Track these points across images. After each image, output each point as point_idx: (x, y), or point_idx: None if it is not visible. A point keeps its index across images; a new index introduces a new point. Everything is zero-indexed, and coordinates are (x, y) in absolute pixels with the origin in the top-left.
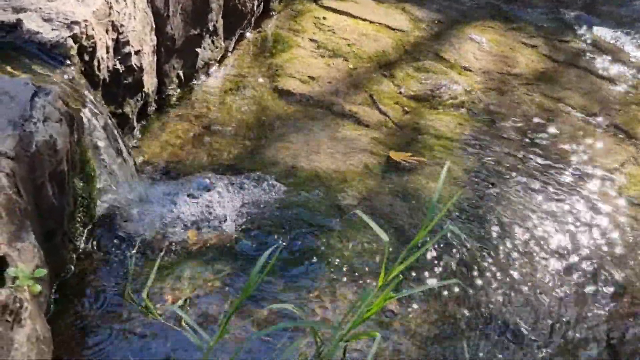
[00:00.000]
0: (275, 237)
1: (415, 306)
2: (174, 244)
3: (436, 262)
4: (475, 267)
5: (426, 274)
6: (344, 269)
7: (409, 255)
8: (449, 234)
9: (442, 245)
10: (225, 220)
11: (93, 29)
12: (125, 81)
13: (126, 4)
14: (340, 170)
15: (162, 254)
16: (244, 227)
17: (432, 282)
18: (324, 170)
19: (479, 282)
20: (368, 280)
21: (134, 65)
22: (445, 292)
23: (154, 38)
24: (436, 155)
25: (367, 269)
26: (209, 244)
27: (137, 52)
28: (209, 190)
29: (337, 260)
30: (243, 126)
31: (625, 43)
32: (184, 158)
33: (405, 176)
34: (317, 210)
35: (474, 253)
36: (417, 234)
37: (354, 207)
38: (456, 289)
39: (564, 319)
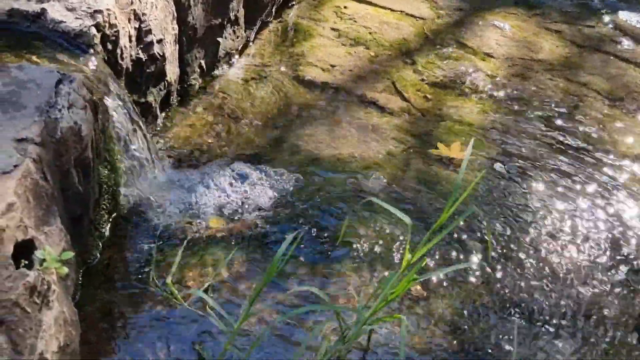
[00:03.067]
0: (299, 222)
1: (441, 290)
2: (198, 231)
3: (461, 244)
4: (502, 251)
5: (453, 255)
6: (368, 253)
7: (432, 237)
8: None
9: (467, 228)
10: (249, 207)
11: (116, 18)
12: (148, 70)
13: None
14: (363, 157)
15: (185, 241)
16: (267, 213)
17: (456, 266)
18: (347, 157)
19: (505, 265)
20: (392, 264)
21: (157, 54)
22: (471, 276)
23: (176, 27)
24: (460, 142)
25: (391, 253)
26: (232, 231)
27: (159, 41)
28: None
29: (361, 244)
30: (265, 115)
31: None
32: (206, 146)
33: (428, 162)
34: (341, 197)
35: (500, 236)
36: (441, 216)
37: (377, 193)
38: (482, 272)
39: (592, 305)
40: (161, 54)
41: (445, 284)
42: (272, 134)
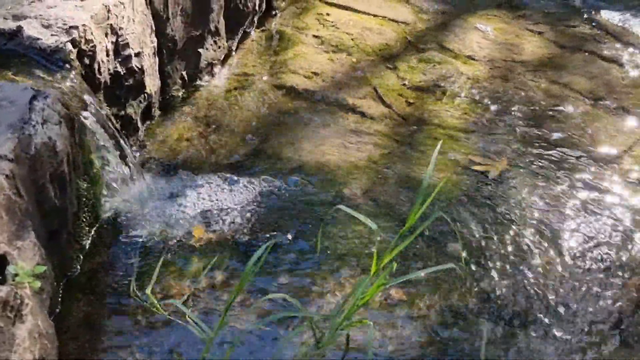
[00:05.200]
0: (280, 230)
1: (420, 292)
2: (179, 241)
3: (439, 247)
4: (477, 252)
5: (432, 258)
6: (346, 258)
7: (400, 242)
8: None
9: (443, 231)
10: (231, 216)
11: (92, 33)
12: (126, 83)
13: (124, 7)
14: (345, 163)
15: (166, 251)
16: (249, 222)
17: (428, 269)
18: (328, 163)
19: (481, 267)
20: (369, 268)
21: (135, 67)
22: (447, 278)
23: (155, 40)
24: (441, 145)
25: (369, 257)
26: (213, 240)
27: (137, 54)
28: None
29: (340, 249)
30: (248, 124)
31: (634, 25)
32: (188, 157)
33: (410, 166)
34: (322, 203)
35: (475, 238)
36: (408, 220)
37: (358, 198)
38: (461, 274)
39: (572, 304)
40: (140, 67)
41: (425, 286)
42: (254, 143)
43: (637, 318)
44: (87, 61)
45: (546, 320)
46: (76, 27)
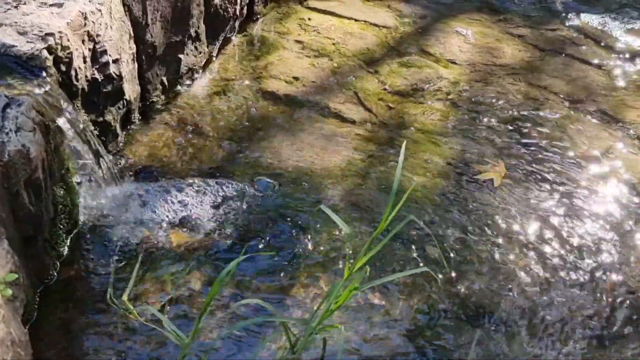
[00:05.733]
0: (259, 235)
1: (398, 294)
2: (157, 245)
3: (414, 250)
4: (455, 255)
5: (405, 262)
6: (325, 262)
7: (372, 247)
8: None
9: (421, 234)
10: (209, 222)
11: (68, 40)
12: (104, 90)
13: (102, 14)
14: (324, 168)
15: (144, 257)
16: (228, 227)
17: (400, 273)
18: (308, 168)
19: (459, 269)
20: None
21: (113, 74)
22: (426, 280)
23: (133, 46)
24: (420, 148)
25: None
26: (191, 246)
27: (115, 61)
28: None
29: (319, 253)
30: (228, 129)
31: (613, 28)
32: (168, 162)
33: (390, 170)
34: (301, 208)
35: (453, 241)
36: (379, 225)
37: (338, 202)
38: (438, 277)
39: (543, 307)
40: (118, 73)
41: (404, 289)
42: (235, 148)
43: (612, 320)
44: (63, 68)
45: (521, 321)
46: (52, 34)
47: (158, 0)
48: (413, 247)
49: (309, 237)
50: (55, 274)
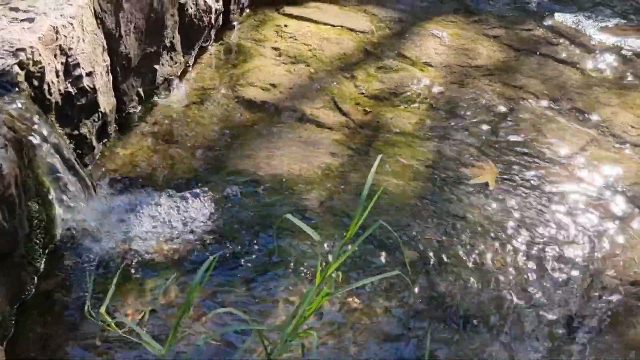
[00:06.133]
0: (237, 243)
1: (374, 298)
2: (136, 257)
3: (389, 254)
4: (432, 257)
5: (382, 266)
6: (301, 268)
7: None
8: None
9: (398, 238)
10: (188, 231)
11: (40, 55)
12: (79, 103)
13: (73, 27)
14: (302, 174)
15: (123, 268)
16: (206, 236)
17: (372, 278)
18: (286, 174)
19: (435, 271)
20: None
21: (87, 87)
22: (402, 283)
23: (107, 58)
24: (397, 152)
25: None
26: (170, 256)
27: (88, 74)
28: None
29: (295, 259)
30: (206, 138)
31: (587, 27)
32: (146, 173)
33: (366, 174)
34: (279, 215)
35: (430, 242)
36: (349, 230)
37: (315, 207)
38: (414, 280)
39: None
40: (92, 86)
41: (380, 292)
42: (212, 157)
43: (588, 319)
44: (36, 83)
45: (497, 321)
46: (23, 49)
47: (131, 12)
48: (391, 250)
49: (287, 243)
50: (33, 288)
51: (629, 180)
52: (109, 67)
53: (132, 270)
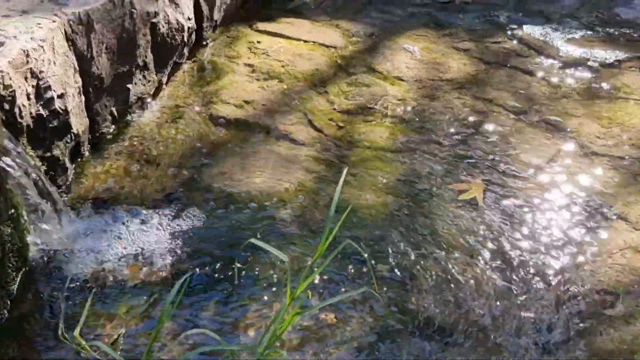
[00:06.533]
0: (212, 262)
1: (352, 314)
2: (110, 279)
3: (360, 269)
4: (405, 271)
5: (355, 281)
6: (274, 286)
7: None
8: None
9: (372, 252)
10: (161, 251)
11: (10, 78)
12: (51, 125)
13: (44, 50)
14: (275, 190)
15: (97, 290)
16: (179, 256)
17: (341, 295)
18: (259, 192)
19: (408, 285)
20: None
21: (59, 109)
22: (376, 297)
23: (79, 79)
24: (370, 166)
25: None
26: (144, 277)
27: (60, 96)
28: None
29: (268, 277)
30: (179, 156)
31: (554, 39)
32: (120, 193)
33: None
34: (253, 233)
35: (402, 256)
36: (318, 249)
37: (289, 224)
38: (388, 292)
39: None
40: (64, 108)
41: (355, 307)
42: (186, 175)
43: (557, 328)
44: (7, 106)
45: (467, 333)
46: None
47: (103, 33)
48: (364, 264)
49: (261, 261)
50: (6, 312)
51: (596, 190)
52: (81, 88)
53: (106, 292)
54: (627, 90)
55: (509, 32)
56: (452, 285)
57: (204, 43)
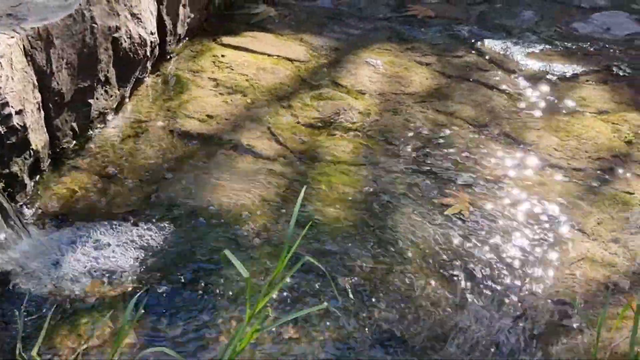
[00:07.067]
0: (174, 278)
1: (313, 329)
2: (69, 296)
3: (322, 283)
4: (366, 285)
5: (318, 295)
6: (237, 302)
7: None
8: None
9: (335, 266)
10: (124, 268)
11: None
12: (8, 142)
13: (2, 66)
14: (239, 205)
15: (56, 308)
16: (142, 273)
17: (300, 312)
18: (223, 207)
19: (370, 298)
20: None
21: (17, 125)
22: (339, 312)
23: (39, 95)
24: (333, 180)
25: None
26: (105, 294)
27: (18, 112)
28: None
29: (232, 293)
30: (142, 171)
31: (514, 53)
32: (81, 209)
33: (303, 204)
34: (215, 248)
35: (363, 270)
36: (277, 266)
37: (252, 239)
38: (350, 307)
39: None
40: (22, 124)
41: (317, 322)
42: (149, 190)
43: (514, 340)
44: None
45: (427, 345)
46: None
47: (62, 48)
48: (326, 278)
49: (224, 276)
50: None
51: (553, 202)
52: (41, 104)
53: (65, 310)
54: (583, 103)
55: (471, 47)
56: (412, 297)
57: (168, 57)
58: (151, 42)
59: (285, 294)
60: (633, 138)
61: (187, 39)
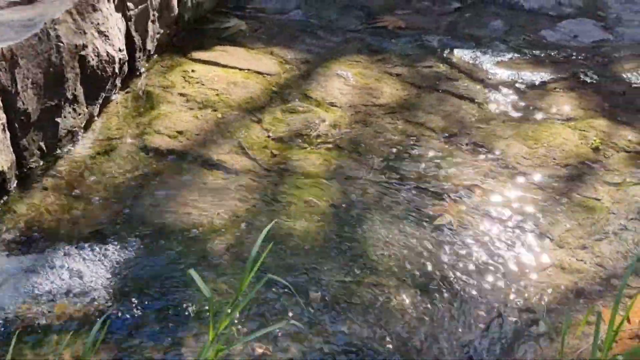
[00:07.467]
0: (142, 296)
1: (280, 343)
2: (35, 320)
3: (291, 298)
4: (337, 297)
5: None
6: (207, 319)
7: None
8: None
9: (303, 281)
10: (92, 288)
11: None
12: None
13: None
14: (209, 221)
15: (22, 332)
16: (111, 291)
17: (266, 328)
18: (193, 223)
19: (339, 311)
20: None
21: None
22: (307, 326)
23: (4, 115)
24: (304, 194)
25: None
26: (73, 315)
27: None
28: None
29: (201, 311)
30: (111, 190)
31: (484, 62)
32: (49, 229)
33: (274, 218)
34: (185, 265)
35: (332, 284)
36: (240, 286)
37: (221, 255)
38: (319, 320)
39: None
40: None
41: (286, 336)
42: (118, 208)
43: (483, 349)
44: None
45: (401, 356)
46: None
47: (28, 68)
48: (296, 292)
49: (194, 294)
50: None
51: (522, 209)
52: (6, 124)
53: (31, 334)
54: (551, 111)
55: (440, 57)
56: (382, 310)
57: (138, 73)
58: (120, 59)
59: (252, 310)
60: (599, 144)
61: (157, 54)
